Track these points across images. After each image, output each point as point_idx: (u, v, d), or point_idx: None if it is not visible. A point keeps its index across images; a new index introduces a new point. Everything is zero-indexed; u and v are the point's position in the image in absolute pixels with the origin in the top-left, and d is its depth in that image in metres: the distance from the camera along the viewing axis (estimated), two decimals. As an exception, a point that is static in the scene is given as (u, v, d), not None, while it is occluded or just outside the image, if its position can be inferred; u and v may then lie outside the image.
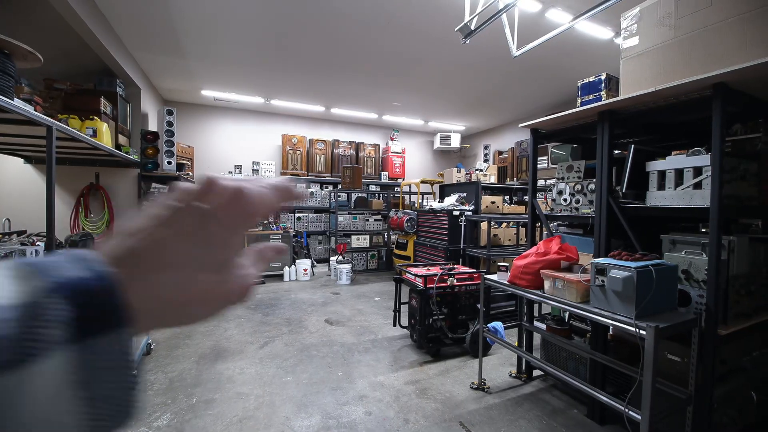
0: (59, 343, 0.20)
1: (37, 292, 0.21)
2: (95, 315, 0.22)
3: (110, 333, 0.22)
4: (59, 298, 0.21)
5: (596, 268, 1.97)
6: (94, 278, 0.22)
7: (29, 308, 0.20)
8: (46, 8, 3.45)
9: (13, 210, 5.07)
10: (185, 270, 0.27)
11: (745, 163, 2.07)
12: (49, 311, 0.20)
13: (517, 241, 6.02)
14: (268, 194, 0.30)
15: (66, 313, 0.21)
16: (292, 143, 7.91)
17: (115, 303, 0.22)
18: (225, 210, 0.28)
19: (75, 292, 0.21)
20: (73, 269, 0.22)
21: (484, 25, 3.14)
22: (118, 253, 0.25)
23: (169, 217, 0.27)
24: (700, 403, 1.89)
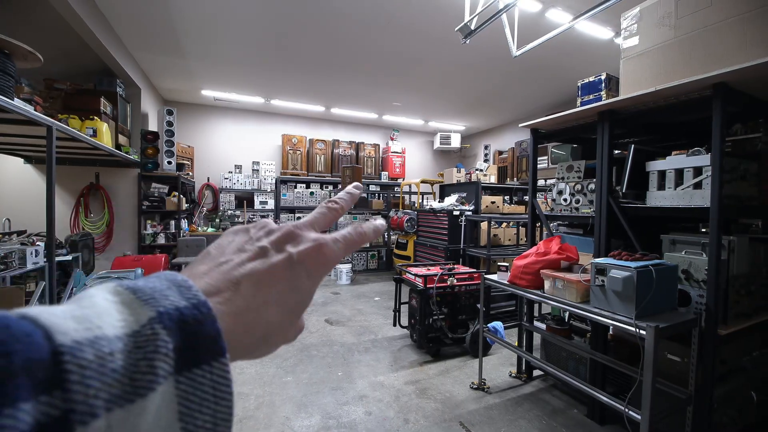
0: (165, 376, 0.20)
1: (142, 321, 0.20)
2: (196, 345, 0.21)
3: (210, 363, 0.21)
4: (163, 328, 0.20)
5: (596, 268, 1.97)
6: (193, 307, 0.22)
7: (136, 339, 0.20)
8: (46, 8, 3.45)
9: (13, 210, 5.07)
10: (275, 309, 0.28)
11: (745, 163, 2.08)
12: (155, 342, 0.20)
13: (517, 241, 6.02)
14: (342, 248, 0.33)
15: (170, 344, 0.20)
16: (292, 143, 7.91)
17: (213, 333, 0.22)
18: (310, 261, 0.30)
19: (177, 322, 0.21)
20: (173, 297, 0.22)
21: (484, 25, 3.14)
22: (214, 284, 0.26)
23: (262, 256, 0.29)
24: (700, 403, 1.89)
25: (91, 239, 5.01)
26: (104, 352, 0.18)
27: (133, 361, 0.19)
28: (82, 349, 0.18)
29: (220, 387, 0.21)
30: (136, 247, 5.82)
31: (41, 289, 3.18)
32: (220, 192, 7.48)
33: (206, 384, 0.21)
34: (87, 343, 0.18)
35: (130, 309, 0.21)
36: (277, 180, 7.78)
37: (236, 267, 0.28)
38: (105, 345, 0.18)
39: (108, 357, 0.18)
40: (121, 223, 5.70)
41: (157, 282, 0.23)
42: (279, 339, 0.29)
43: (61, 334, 0.18)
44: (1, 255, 2.92)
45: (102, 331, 0.19)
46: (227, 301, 0.26)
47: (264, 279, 0.28)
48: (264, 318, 0.27)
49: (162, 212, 6.12)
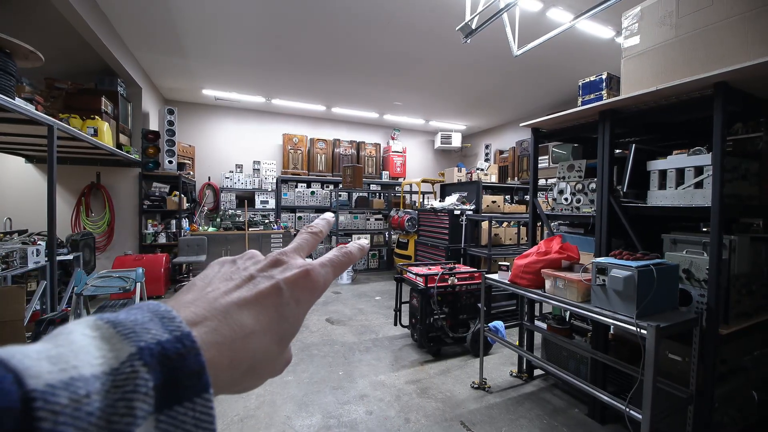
0: (145, 416, 0.19)
1: (122, 357, 0.19)
2: (178, 381, 0.20)
3: (192, 399, 0.21)
4: (143, 365, 0.19)
5: (597, 267, 1.97)
6: (176, 340, 0.21)
7: (115, 378, 0.19)
8: (47, 8, 3.46)
9: (14, 209, 5.09)
10: (263, 338, 0.27)
11: (746, 163, 2.07)
12: (134, 381, 0.19)
13: (518, 240, 6.01)
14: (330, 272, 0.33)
15: (150, 382, 0.19)
16: (293, 142, 7.91)
17: (197, 367, 0.21)
18: (298, 287, 0.30)
19: (158, 357, 0.20)
20: (155, 329, 0.21)
21: (485, 25, 3.14)
22: (200, 313, 0.25)
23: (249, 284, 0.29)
24: (701, 402, 1.89)
25: (92, 238, 5.02)
26: (80, 395, 0.17)
27: (110, 402, 0.18)
28: (55, 393, 0.17)
29: (202, 424, 0.21)
30: (137, 246, 5.83)
31: (42, 288, 3.19)
32: (221, 191, 7.49)
33: (188, 422, 0.20)
34: (61, 386, 0.17)
35: (109, 344, 0.20)
36: (278, 179, 7.78)
37: (223, 295, 0.27)
38: (81, 387, 0.17)
39: (84, 400, 0.17)
40: (122, 222, 5.71)
41: (139, 314, 0.22)
42: (266, 370, 0.29)
43: (33, 378, 0.16)
44: (2, 254, 2.93)
45: (78, 372, 0.18)
46: (213, 330, 0.24)
47: (251, 307, 0.27)
48: (251, 347, 0.26)
49: (163, 212, 6.13)
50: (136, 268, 3.55)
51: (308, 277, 0.30)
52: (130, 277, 3.41)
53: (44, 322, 2.79)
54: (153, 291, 5.13)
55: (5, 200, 5.26)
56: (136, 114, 5.76)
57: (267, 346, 0.27)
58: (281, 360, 0.30)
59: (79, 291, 3.22)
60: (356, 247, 0.37)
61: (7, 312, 2.55)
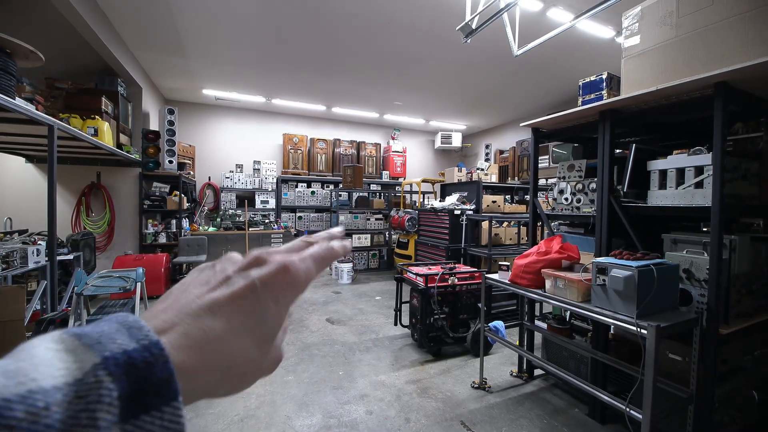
0: (109, 427, 0.18)
1: (85, 367, 0.19)
2: (144, 390, 0.20)
3: (160, 408, 0.20)
4: (108, 374, 0.19)
5: (597, 267, 1.97)
6: (143, 349, 0.21)
7: (78, 388, 0.18)
8: (47, 8, 3.46)
9: (14, 209, 5.09)
10: (240, 338, 0.26)
11: (747, 163, 2.07)
12: (97, 391, 0.18)
13: (518, 240, 6.01)
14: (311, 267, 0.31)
15: (114, 392, 0.19)
16: (293, 142, 7.91)
17: (165, 375, 0.21)
18: (276, 284, 0.29)
19: (124, 366, 0.20)
20: (121, 339, 0.21)
21: (485, 25, 3.14)
22: (171, 319, 0.25)
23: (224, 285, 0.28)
24: (701, 402, 1.89)
25: (92, 238, 5.02)
26: (38, 407, 0.17)
27: (72, 413, 0.17)
28: (10, 407, 0.16)
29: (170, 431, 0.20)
30: (137, 246, 5.83)
31: (42, 288, 3.19)
32: (221, 191, 7.50)
33: (155, 430, 0.20)
34: (17, 399, 0.17)
35: (73, 356, 0.19)
36: (278, 179, 7.79)
37: (195, 299, 0.26)
38: (39, 399, 0.17)
39: (42, 412, 0.17)
40: (122, 222, 5.71)
41: (106, 325, 0.22)
42: (250, 371, 0.28)
43: None
44: (2, 254, 2.93)
45: (37, 384, 0.17)
46: (183, 335, 0.24)
47: (224, 308, 0.26)
48: (227, 349, 0.25)
49: (163, 211, 6.14)
50: (136, 268, 3.55)
51: (287, 273, 0.29)
52: (130, 276, 3.41)
53: (44, 322, 2.79)
54: (153, 291, 5.13)
55: (5, 200, 5.26)
56: (137, 114, 5.76)
57: (244, 346, 0.27)
58: (267, 359, 0.29)
59: (79, 291, 3.22)
60: (339, 245, 0.35)
61: (7, 312, 2.55)
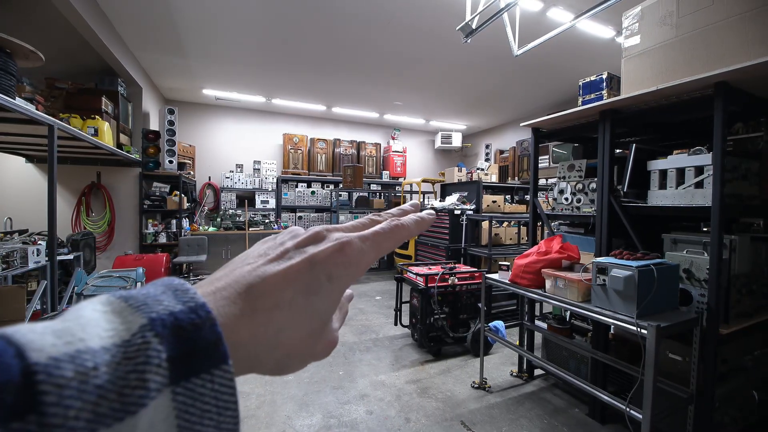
0: (159, 389, 0.18)
1: (132, 329, 0.19)
2: (193, 352, 0.19)
3: (210, 371, 0.20)
4: (155, 335, 0.19)
5: (597, 267, 1.97)
6: (190, 311, 0.20)
7: (126, 349, 0.18)
8: (47, 7, 3.46)
9: (14, 209, 5.08)
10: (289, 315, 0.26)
11: (747, 162, 2.07)
12: (146, 352, 0.18)
13: (519, 240, 6.01)
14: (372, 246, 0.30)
15: (163, 354, 0.19)
16: (293, 142, 7.91)
17: (213, 338, 0.20)
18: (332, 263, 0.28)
19: (171, 328, 0.19)
20: (167, 301, 0.20)
21: (485, 25, 3.14)
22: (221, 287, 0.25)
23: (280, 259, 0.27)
24: (702, 402, 1.89)
25: (92, 238, 5.02)
26: (87, 367, 0.16)
27: (121, 374, 0.17)
28: (59, 366, 0.16)
29: (222, 396, 0.20)
30: (137, 246, 5.83)
31: (43, 287, 3.19)
32: (222, 191, 7.49)
33: (207, 394, 0.19)
34: (66, 358, 0.16)
35: (120, 317, 0.19)
36: (278, 179, 7.78)
37: (251, 271, 0.26)
38: (88, 359, 0.17)
39: (91, 372, 0.16)
40: (122, 222, 5.71)
41: (152, 288, 0.21)
42: (299, 350, 0.27)
43: (35, 351, 0.16)
44: (2, 254, 2.93)
45: (85, 344, 0.17)
46: (231, 303, 0.24)
47: (277, 281, 0.26)
48: (275, 322, 0.25)
49: (163, 211, 6.13)
50: (136, 268, 3.55)
51: (342, 251, 0.28)
52: (130, 276, 3.41)
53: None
54: (153, 291, 5.12)
55: (5, 200, 5.26)
56: (137, 114, 5.76)
57: (295, 323, 0.26)
58: (319, 342, 0.28)
59: (79, 291, 3.22)
60: (413, 220, 0.32)
61: (7, 312, 2.55)
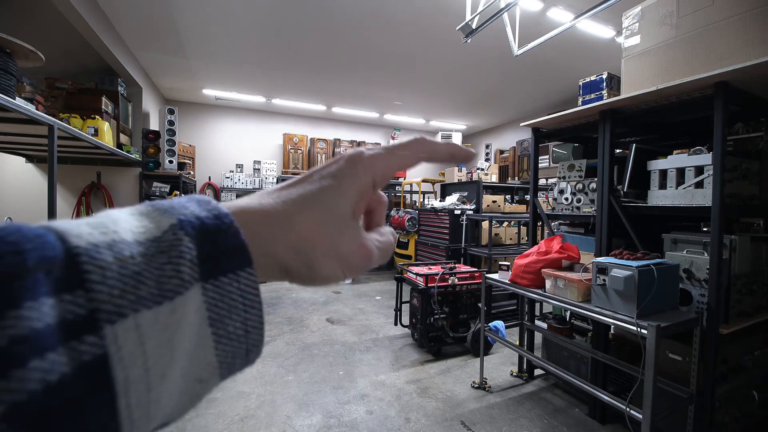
0: (192, 282, 0.19)
1: (163, 227, 0.20)
2: (220, 253, 0.21)
3: (236, 272, 0.21)
4: (185, 234, 0.20)
5: (597, 267, 1.97)
6: (214, 218, 0.21)
7: (159, 244, 0.19)
8: (48, 8, 3.46)
9: (14, 209, 5.08)
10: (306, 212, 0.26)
11: (747, 162, 2.07)
12: (178, 248, 0.19)
13: (519, 240, 6.01)
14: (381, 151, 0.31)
15: (194, 251, 0.20)
16: (293, 142, 7.91)
17: (237, 243, 0.21)
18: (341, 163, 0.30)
19: (199, 230, 0.20)
20: (192, 207, 0.21)
21: (485, 24, 3.14)
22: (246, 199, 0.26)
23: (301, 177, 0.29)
24: (702, 402, 1.89)
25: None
26: (125, 255, 0.18)
27: (157, 265, 0.18)
28: (99, 251, 0.17)
29: (248, 296, 0.21)
30: (137, 246, 5.83)
31: (43, 288, 3.18)
32: (222, 191, 7.49)
33: (234, 292, 0.21)
34: (105, 246, 0.17)
35: (149, 218, 0.20)
36: (278, 179, 7.78)
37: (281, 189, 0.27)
38: (125, 248, 0.18)
39: (129, 260, 0.18)
40: (122, 222, 5.70)
41: (177, 200, 0.23)
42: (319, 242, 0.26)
43: (75, 236, 0.17)
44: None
45: (120, 236, 0.18)
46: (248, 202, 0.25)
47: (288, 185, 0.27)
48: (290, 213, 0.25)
49: (163, 211, 6.13)
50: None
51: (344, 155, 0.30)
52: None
53: (45, 322, 2.79)
54: (153, 291, 5.13)
55: (6, 200, 5.26)
56: (137, 114, 5.76)
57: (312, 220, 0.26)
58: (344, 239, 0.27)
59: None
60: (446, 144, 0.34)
61: (7, 312, 2.55)
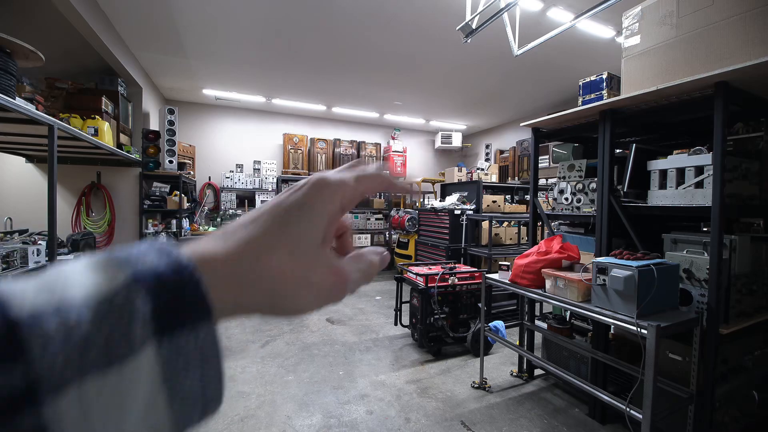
0: (144, 340, 0.18)
1: (117, 281, 0.19)
2: (177, 307, 0.20)
3: (193, 325, 0.20)
4: (140, 288, 0.19)
5: (598, 267, 1.97)
6: (173, 267, 0.21)
7: (111, 302, 0.18)
8: (48, 8, 3.46)
9: (14, 209, 5.08)
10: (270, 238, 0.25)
11: (747, 162, 2.07)
12: (131, 304, 0.19)
13: (519, 240, 6.01)
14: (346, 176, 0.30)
15: (148, 306, 0.19)
16: (293, 142, 7.90)
17: (196, 294, 0.21)
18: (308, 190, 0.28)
19: (155, 283, 0.20)
20: (151, 258, 0.21)
21: (485, 24, 3.14)
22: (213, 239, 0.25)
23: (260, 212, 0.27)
24: (702, 402, 1.89)
25: (92, 238, 5.01)
26: (71, 320, 0.17)
27: (107, 327, 0.18)
28: (42, 317, 0.16)
29: (206, 349, 0.20)
30: (137, 246, 5.83)
31: (43, 288, 3.18)
32: (222, 191, 7.49)
33: (191, 347, 0.20)
34: (50, 311, 0.17)
35: (104, 271, 0.19)
36: (278, 179, 7.78)
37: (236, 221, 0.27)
38: (72, 312, 0.17)
39: (74, 324, 0.17)
40: (122, 222, 5.71)
41: (136, 248, 0.22)
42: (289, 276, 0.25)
43: (17, 305, 0.16)
44: (2, 254, 2.93)
45: (68, 298, 0.18)
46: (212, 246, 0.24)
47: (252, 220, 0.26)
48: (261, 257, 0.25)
49: (163, 211, 6.13)
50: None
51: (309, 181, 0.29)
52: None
53: (45, 322, 2.78)
54: (153, 291, 5.12)
55: (6, 200, 5.26)
56: (137, 114, 5.76)
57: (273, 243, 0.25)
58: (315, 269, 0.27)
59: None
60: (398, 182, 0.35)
61: (7, 312, 2.55)
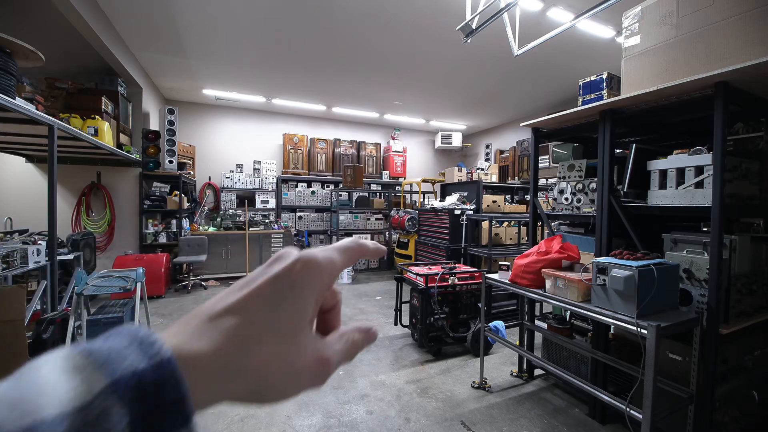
0: None
1: (94, 390, 0.18)
2: (156, 414, 0.19)
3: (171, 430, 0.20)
4: (118, 398, 0.19)
5: (598, 267, 1.97)
6: (155, 368, 0.20)
7: (86, 415, 0.18)
8: (48, 8, 3.46)
9: (14, 209, 5.09)
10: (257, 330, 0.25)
11: (747, 162, 2.07)
12: (107, 419, 0.18)
13: (519, 240, 6.01)
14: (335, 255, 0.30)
15: (126, 418, 0.18)
16: (293, 142, 7.91)
17: (178, 397, 0.20)
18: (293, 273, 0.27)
19: (134, 389, 0.19)
20: (132, 356, 0.20)
21: (485, 24, 3.13)
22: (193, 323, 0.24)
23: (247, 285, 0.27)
24: (702, 402, 1.89)
25: (92, 238, 5.02)
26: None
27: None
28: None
29: None
30: (137, 246, 5.84)
31: (43, 287, 3.19)
32: (222, 191, 7.49)
33: None
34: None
35: (81, 376, 0.19)
36: (278, 179, 7.79)
37: (216, 303, 0.26)
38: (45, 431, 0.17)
39: None
40: (122, 222, 5.71)
41: (117, 340, 0.21)
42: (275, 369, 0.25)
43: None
44: (3, 254, 2.93)
45: (41, 414, 0.17)
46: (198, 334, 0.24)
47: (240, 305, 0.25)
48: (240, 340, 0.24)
49: (163, 211, 6.14)
50: (136, 268, 3.54)
51: (299, 260, 0.28)
52: (130, 276, 3.40)
53: (45, 322, 2.79)
54: (153, 291, 5.14)
55: (6, 200, 5.26)
56: (137, 114, 5.76)
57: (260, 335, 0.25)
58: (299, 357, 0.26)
59: (79, 291, 3.22)
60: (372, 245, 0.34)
61: (8, 311, 2.55)
